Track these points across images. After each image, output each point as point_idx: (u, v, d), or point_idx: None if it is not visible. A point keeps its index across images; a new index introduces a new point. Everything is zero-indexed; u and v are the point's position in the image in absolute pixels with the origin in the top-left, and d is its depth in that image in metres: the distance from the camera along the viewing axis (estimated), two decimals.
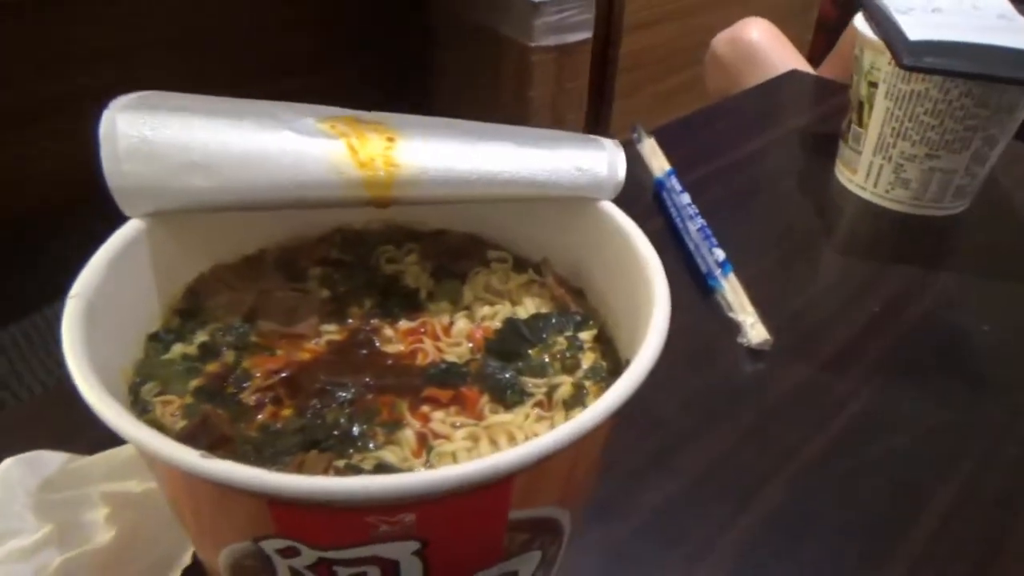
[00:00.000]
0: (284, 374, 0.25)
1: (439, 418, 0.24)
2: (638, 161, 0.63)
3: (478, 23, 1.58)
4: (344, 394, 0.24)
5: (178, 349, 0.26)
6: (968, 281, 0.54)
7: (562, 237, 0.30)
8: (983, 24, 0.56)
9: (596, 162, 0.28)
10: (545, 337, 0.27)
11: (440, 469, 0.18)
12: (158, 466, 0.21)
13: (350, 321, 0.28)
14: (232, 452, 0.22)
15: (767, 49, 1.08)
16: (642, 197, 0.60)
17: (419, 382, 0.25)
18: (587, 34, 1.55)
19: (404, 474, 0.18)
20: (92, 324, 0.22)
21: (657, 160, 0.62)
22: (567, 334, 0.27)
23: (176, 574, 0.29)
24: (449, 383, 0.25)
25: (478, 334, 0.27)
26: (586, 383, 0.26)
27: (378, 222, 0.32)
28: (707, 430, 0.40)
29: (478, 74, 1.66)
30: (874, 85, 0.58)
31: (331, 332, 0.27)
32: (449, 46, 1.69)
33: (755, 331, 0.45)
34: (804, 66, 1.03)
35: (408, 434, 0.23)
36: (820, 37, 1.30)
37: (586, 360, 0.26)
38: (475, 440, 0.23)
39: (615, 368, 0.26)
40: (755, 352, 0.45)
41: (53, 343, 0.21)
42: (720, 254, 0.50)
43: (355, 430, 0.23)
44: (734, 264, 0.49)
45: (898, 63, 0.52)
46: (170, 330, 0.27)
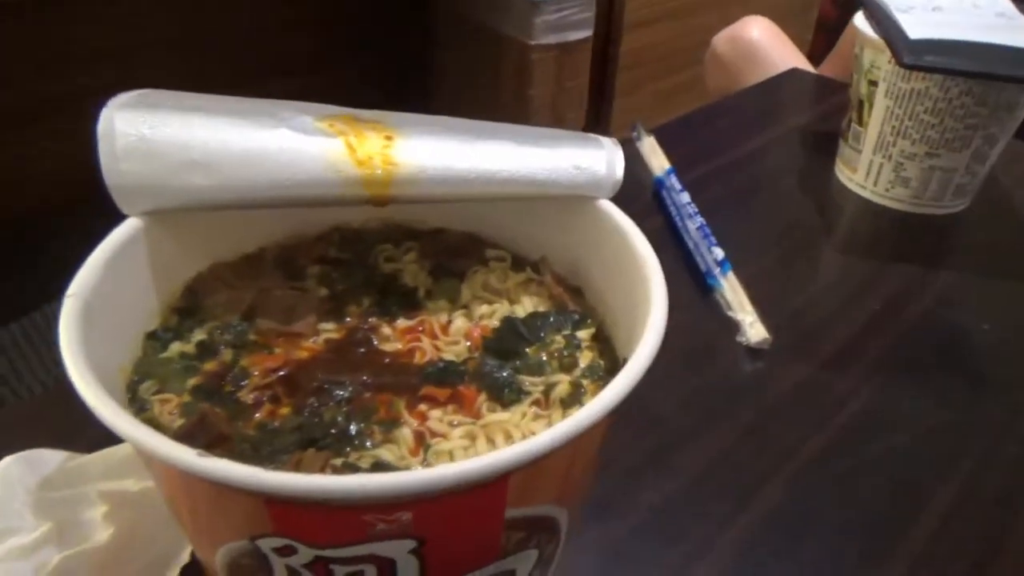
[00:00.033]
0: (282, 372, 0.25)
1: (436, 417, 0.24)
2: (638, 160, 0.63)
3: (478, 22, 1.58)
4: (342, 392, 0.24)
5: (176, 347, 0.26)
6: (968, 280, 0.54)
7: (560, 236, 0.30)
8: (983, 22, 0.56)
9: (594, 161, 0.28)
10: (543, 336, 0.27)
11: (436, 468, 0.18)
12: (155, 465, 0.21)
13: (348, 320, 0.28)
14: (229, 451, 0.22)
15: (767, 48, 1.08)
16: (642, 196, 0.59)
17: (416, 381, 0.25)
18: (587, 32, 1.55)
19: (400, 472, 0.18)
20: (89, 323, 0.22)
21: (657, 159, 0.62)
22: (565, 333, 0.27)
23: (174, 572, 0.29)
24: (447, 382, 0.25)
25: (476, 333, 0.27)
26: (583, 382, 0.26)
27: (377, 221, 0.32)
28: (706, 429, 0.40)
29: (478, 73, 1.66)
30: (874, 84, 0.58)
31: (329, 331, 0.27)
32: (449, 46, 1.69)
33: (754, 330, 0.45)
34: (804, 65, 1.02)
35: (405, 432, 0.23)
36: (820, 37, 1.30)
37: (584, 359, 0.26)
38: (472, 439, 0.23)
39: (613, 367, 0.26)
40: (754, 351, 0.45)
41: (53, 341, 0.21)
42: (719, 253, 0.50)
43: (352, 429, 0.23)
44: (734, 263, 0.49)
45: (898, 61, 0.52)
46: (168, 328, 0.27)
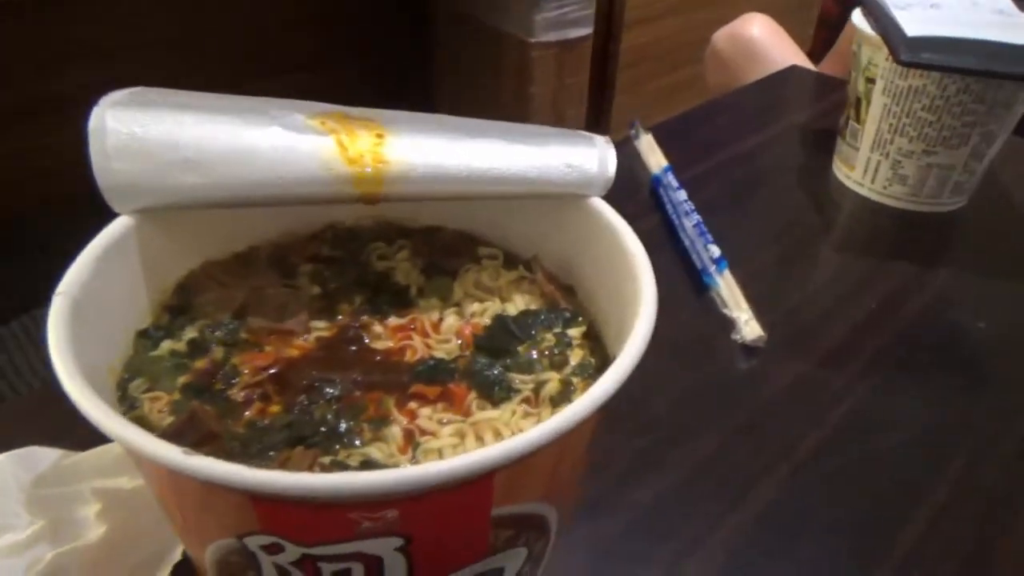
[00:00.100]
0: (273, 371, 0.25)
1: (426, 415, 0.24)
2: (635, 157, 0.63)
3: (478, 20, 1.58)
4: (332, 390, 0.24)
5: (167, 346, 0.26)
6: (965, 278, 0.54)
7: (552, 234, 0.30)
8: (981, 20, 0.55)
9: (586, 159, 0.28)
10: (534, 334, 0.27)
11: (421, 465, 0.18)
12: (143, 463, 0.21)
13: (340, 318, 0.28)
14: (219, 448, 0.22)
15: (767, 45, 1.08)
16: (639, 193, 0.59)
17: (407, 379, 0.25)
18: (587, 30, 1.55)
19: (385, 470, 0.18)
20: (78, 321, 0.22)
21: (654, 156, 0.61)
22: (556, 331, 0.27)
23: (167, 570, 0.29)
24: (437, 380, 0.25)
25: (467, 331, 0.27)
26: (574, 379, 0.26)
27: (369, 219, 0.31)
28: (700, 427, 0.40)
29: (478, 72, 1.66)
30: (872, 81, 0.58)
31: (320, 329, 0.27)
32: (449, 44, 1.69)
33: (749, 328, 0.45)
34: (804, 62, 1.02)
35: (395, 431, 0.23)
36: (821, 33, 1.29)
37: (574, 357, 0.26)
38: (461, 436, 0.23)
39: (603, 364, 0.26)
40: (749, 349, 0.45)
41: None
42: (715, 250, 0.50)
43: (342, 426, 0.23)
44: (731, 260, 0.49)
45: (895, 59, 0.52)
46: (159, 327, 0.27)
